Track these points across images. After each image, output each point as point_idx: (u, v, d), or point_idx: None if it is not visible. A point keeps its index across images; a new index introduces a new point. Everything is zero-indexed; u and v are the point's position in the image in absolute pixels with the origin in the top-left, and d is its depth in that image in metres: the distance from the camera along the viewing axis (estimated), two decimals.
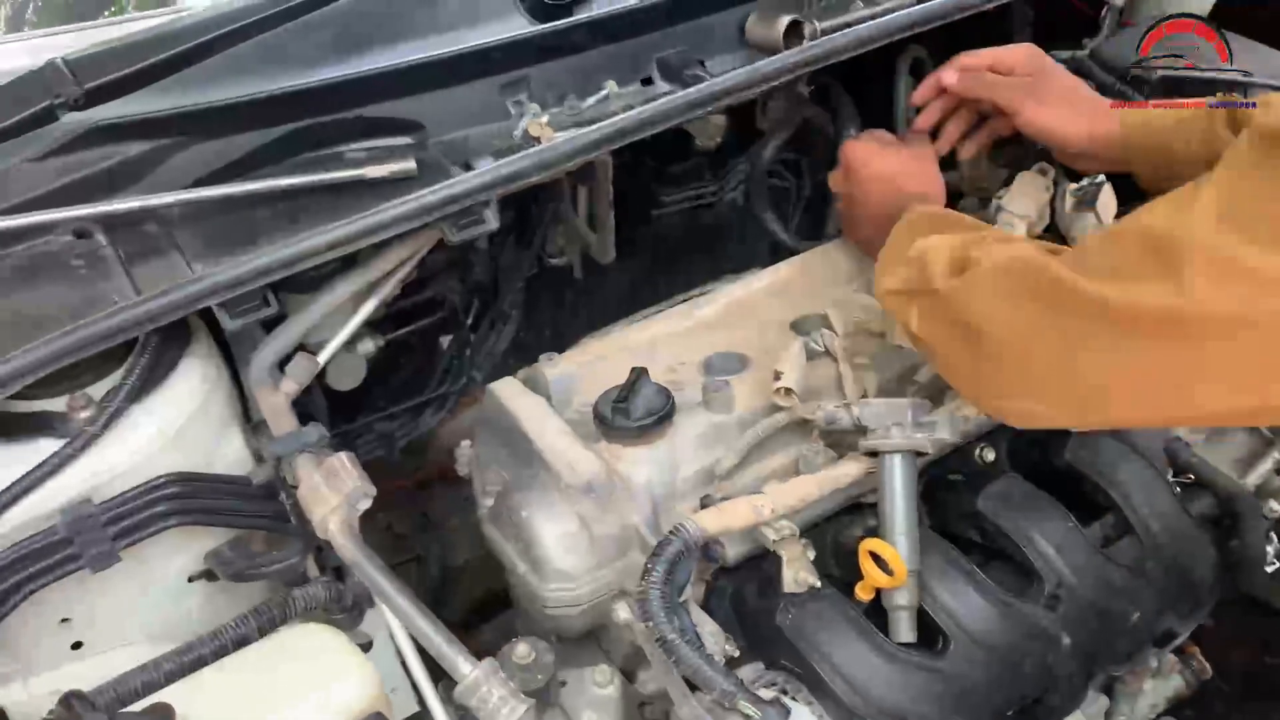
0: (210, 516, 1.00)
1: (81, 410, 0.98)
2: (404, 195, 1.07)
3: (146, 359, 1.00)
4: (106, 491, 0.97)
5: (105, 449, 0.98)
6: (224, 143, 1.12)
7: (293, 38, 1.15)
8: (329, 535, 0.95)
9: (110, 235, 1.06)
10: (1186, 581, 1.22)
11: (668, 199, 1.71)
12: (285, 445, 1.01)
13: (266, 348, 1.08)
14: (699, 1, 1.29)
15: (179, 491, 0.97)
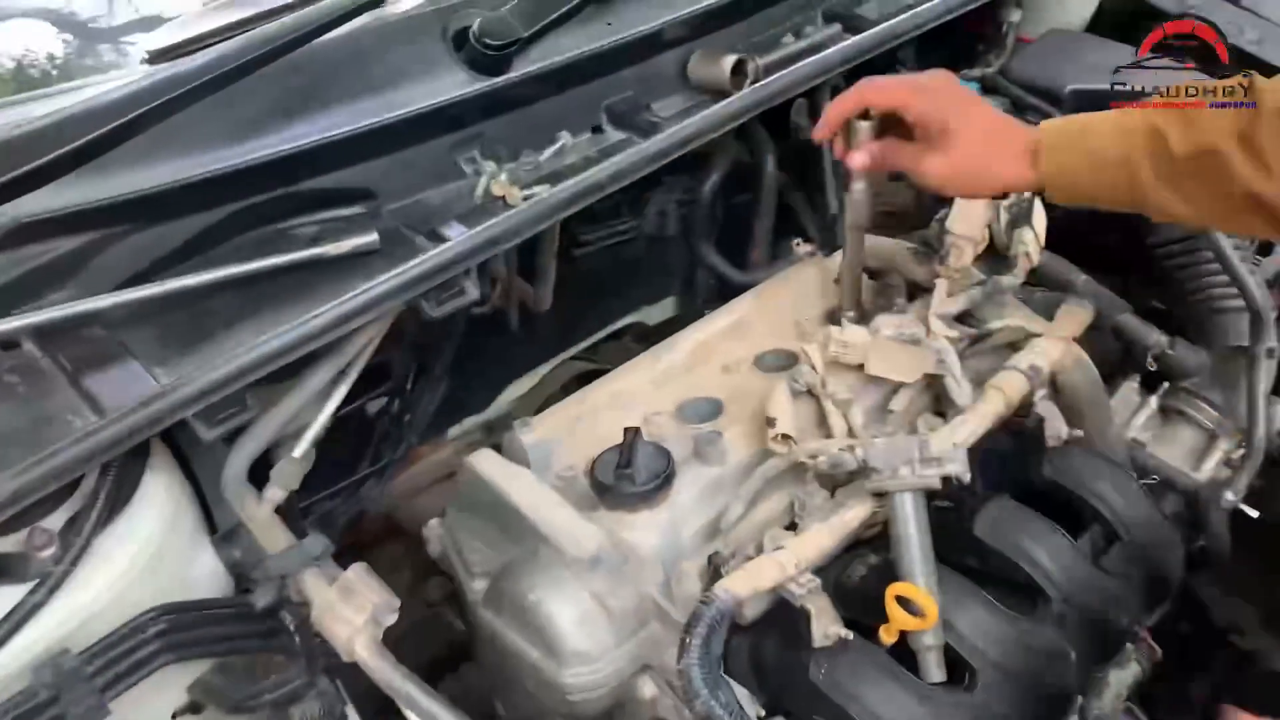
0: (206, 648, 0.90)
1: (44, 548, 0.87)
2: (370, 271, 1.00)
3: (111, 480, 0.90)
4: (84, 636, 0.87)
5: (77, 589, 0.88)
6: (161, 230, 1.03)
7: (221, 111, 1.06)
8: (356, 658, 0.88)
9: (43, 344, 0.94)
10: (1160, 579, 1.26)
11: (587, 237, 1.67)
12: (289, 562, 0.92)
13: (240, 453, 0.99)
14: (639, 46, 1.26)
15: (168, 626, 0.88)
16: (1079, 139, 1.09)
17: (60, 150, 0.96)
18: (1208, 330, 1.44)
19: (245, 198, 1.05)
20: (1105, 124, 1.08)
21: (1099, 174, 1.08)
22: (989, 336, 1.30)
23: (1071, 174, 1.09)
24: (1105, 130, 1.08)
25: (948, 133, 1.12)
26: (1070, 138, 1.10)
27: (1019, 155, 1.11)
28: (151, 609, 0.88)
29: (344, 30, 1.11)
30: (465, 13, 1.20)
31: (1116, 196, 1.09)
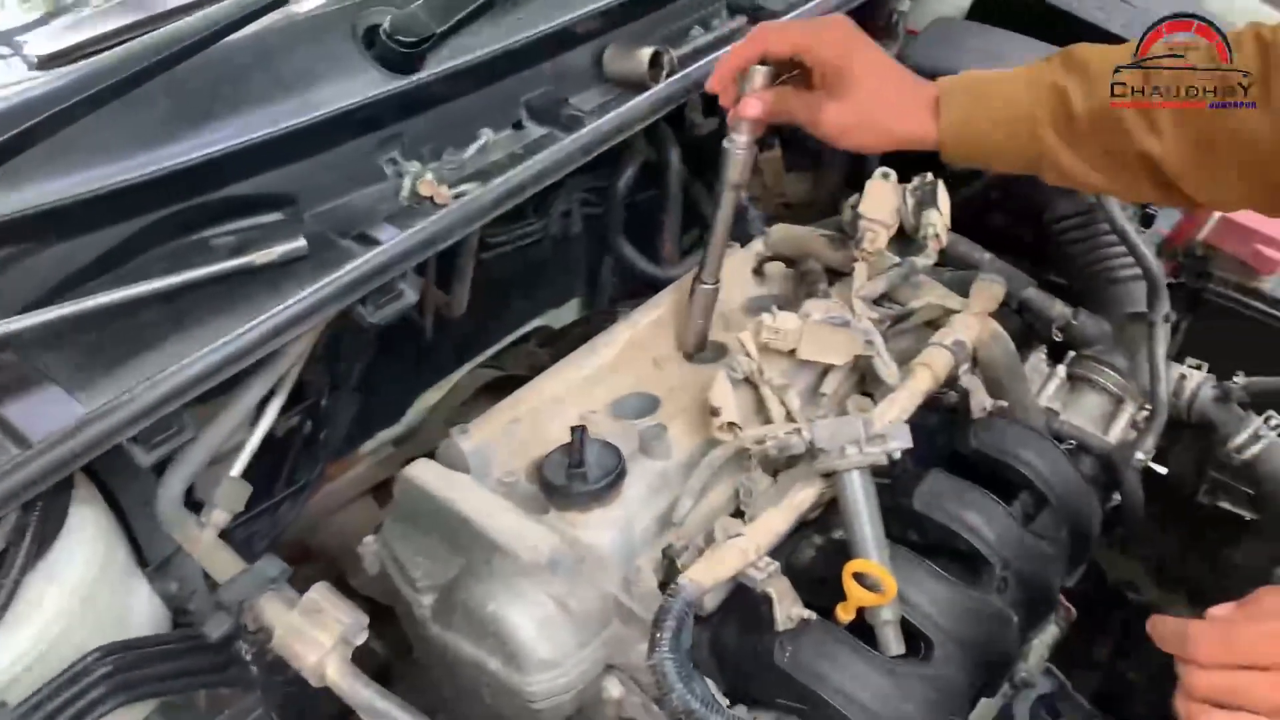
0: (157, 686, 0.84)
1: None
2: (300, 280, 0.96)
3: (36, 516, 0.83)
4: (22, 687, 0.80)
5: (8, 635, 0.81)
6: (70, 246, 0.95)
7: (126, 117, 0.99)
8: (328, 681, 0.83)
9: None
10: (1083, 539, 1.31)
11: (494, 240, 1.64)
12: (246, 588, 0.87)
13: (175, 477, 0.93)
14: (553, 41, 1.24)
15: (115, 666, 0.82)
16: (981, 95, 1.11)
17: None
18: (1107, 300, 1.51)
19: (159, 208, 0.99)
20: (1007, 81, 1.11)
21: (1000, 129, 1.10)
22: (910, 316, 1.33)
23: (973, 129, 1.11)
24: (1008, 87, 1.10)
25: (848, 79, 1.11)
26: (972, 93, 1.11)
27: (919, 108, 1.12)
28: (95, 650, 0.81)
29: (250, 30, 1.06)
30: (374, 10, 1.16)
31: (1015, 154, 1.11)
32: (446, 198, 1.06)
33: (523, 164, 1.10)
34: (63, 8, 1.60)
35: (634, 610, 1.03)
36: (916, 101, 1.13)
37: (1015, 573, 1.17)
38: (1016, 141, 1.10)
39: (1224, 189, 1.06)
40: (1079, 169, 1.10)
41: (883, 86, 1.13)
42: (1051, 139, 1.08)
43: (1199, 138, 1.02)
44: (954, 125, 1.11)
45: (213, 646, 0.87)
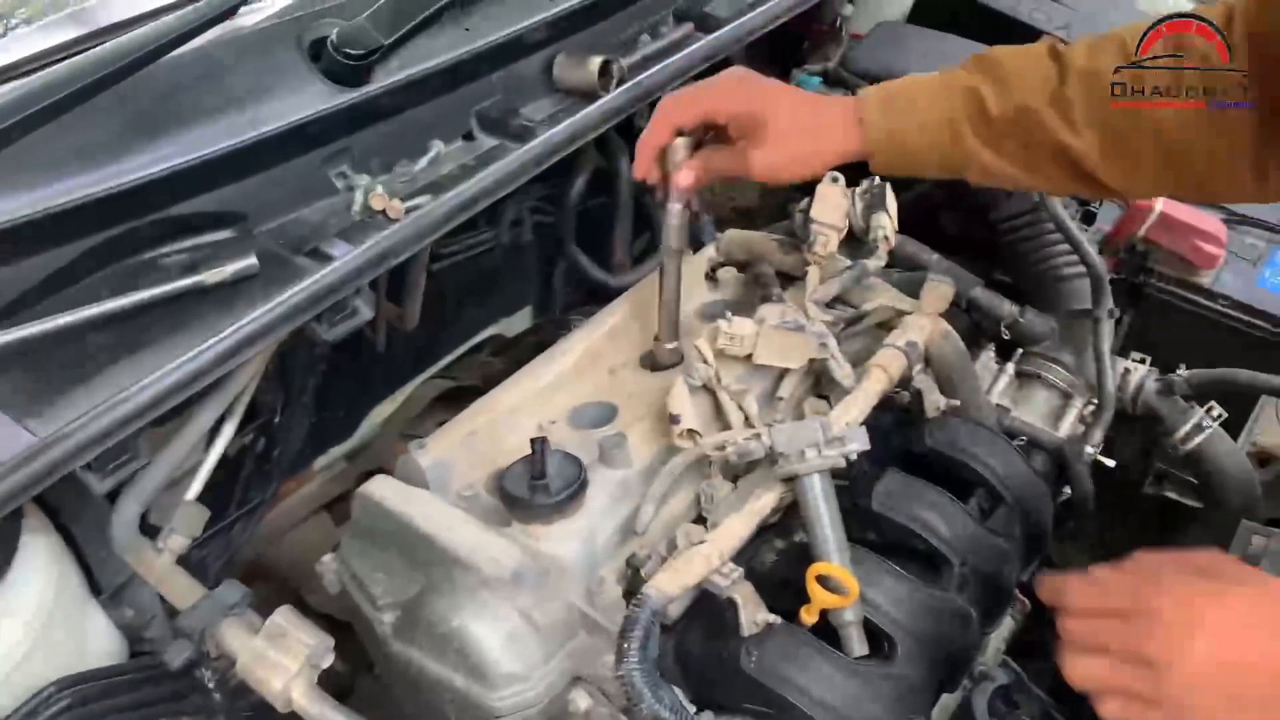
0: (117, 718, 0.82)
1: None
2: (253, 298, 0.95)
3: None
4: None
5: None
6: (13, 269, 0.93)
7: (68, 136, 0.97)
8: (294, 706, 0.82)
9: None
10: (1038, 535, 1.33)
11: (445, 250, 1.64)
12: (206, 615, 0.85)
13: (128, 502, 0.91)
14: (501, 51, 1.24)
15: (73, 700, 0.80)
16: (901, 105, 1.14)
17: None
18: (1052, 297, 1.54)
19: (106, 228, 0.97)
20: (925, 89, 1.14)
21: (924, 136, 1.13)
22: (863, 318, 1.35)
23: (898, 138, 1.14)
24: (926, 95, 1.14)
25: (762, 124, 1.14)
26: (893, 105, 1.15)
27: (841, 126, 1.15)
28: (53, 683, 0.79)
29: (194, 45, 1.04)
30: (321, 23, 1.15)
31: (940, 158, 1.15)
32: (399, 211, 1.05)
33: (475, 176, 1.10)
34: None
35: (599, 621, 1.03)
36: (837, 121, 1.16)
37: (973, 570, 1.19)
38: (940, 146, 1.14)
39: (1139, 180, 1.11)
40: (1000, 166, 1.13)
41: (798, 118, 1.16)
42: (972, 140, 1.12)
43: (1113, 131, 1.06)
44: (879, 137, 1.15)
45: (173, 675, 0.86)
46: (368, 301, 1.00)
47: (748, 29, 1.39)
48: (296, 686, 0.83)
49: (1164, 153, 1.05)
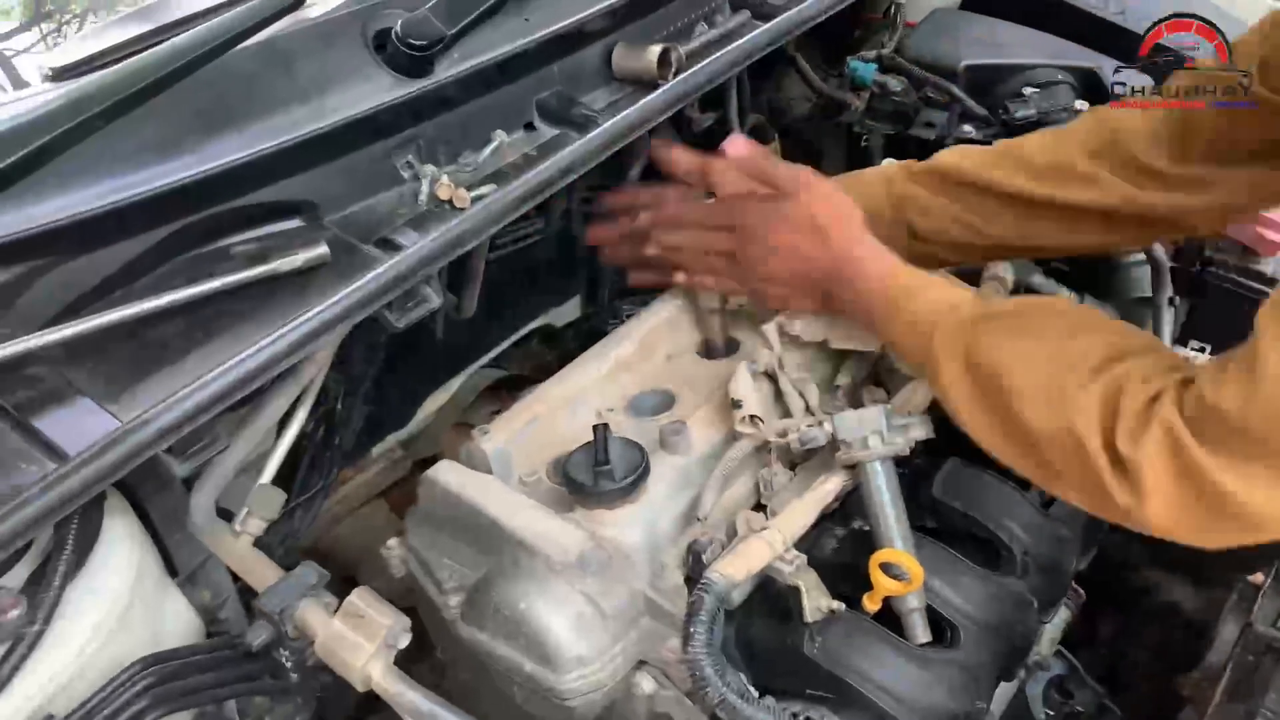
0: (197, 697, 0.84)
1: (9, 609, 0.79)
2: (324, 286, 0.96)
3: (75, 529, 0.83)
4: (66, 700, 0.80)
5: (51, 648, 0.81)
6: (92, 259, 0.95)
7: (141, 129, 0.99)
8: (374, 686, 0.83)
9: None
10: (1096, 523, 1.33)
11: (498, 240, 1.64)
12: (285, 596, 0.87)
13: (206, 486, 0.93)
14: (561, 41, 1.25)
15: (156, 678, 0.82)
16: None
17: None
18: (1111, 285, 1.52)
19: (179, 218, 0.98)
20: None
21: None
22: None
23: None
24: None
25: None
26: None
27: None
28: (136, 661, 0.81)
29: (261, 37, 1.06)
30: (384, 14, 1.16)
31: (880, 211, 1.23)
32: (465, 200, 1.06)
33: (538, 165, 1.11)
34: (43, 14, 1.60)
35: (663, 605, 1.04)
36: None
37: (1034, 558, 1.19)
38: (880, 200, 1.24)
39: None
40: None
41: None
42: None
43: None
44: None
45: (251, 654, 0.87)
46: (436, 289, 1.01)
47: (804, 16, 1.38)
48: (375, 666, 0.84)
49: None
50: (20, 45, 1.52)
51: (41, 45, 1.52)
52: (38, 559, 0.83)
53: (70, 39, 1.11)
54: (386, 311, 0.98)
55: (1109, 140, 1.08)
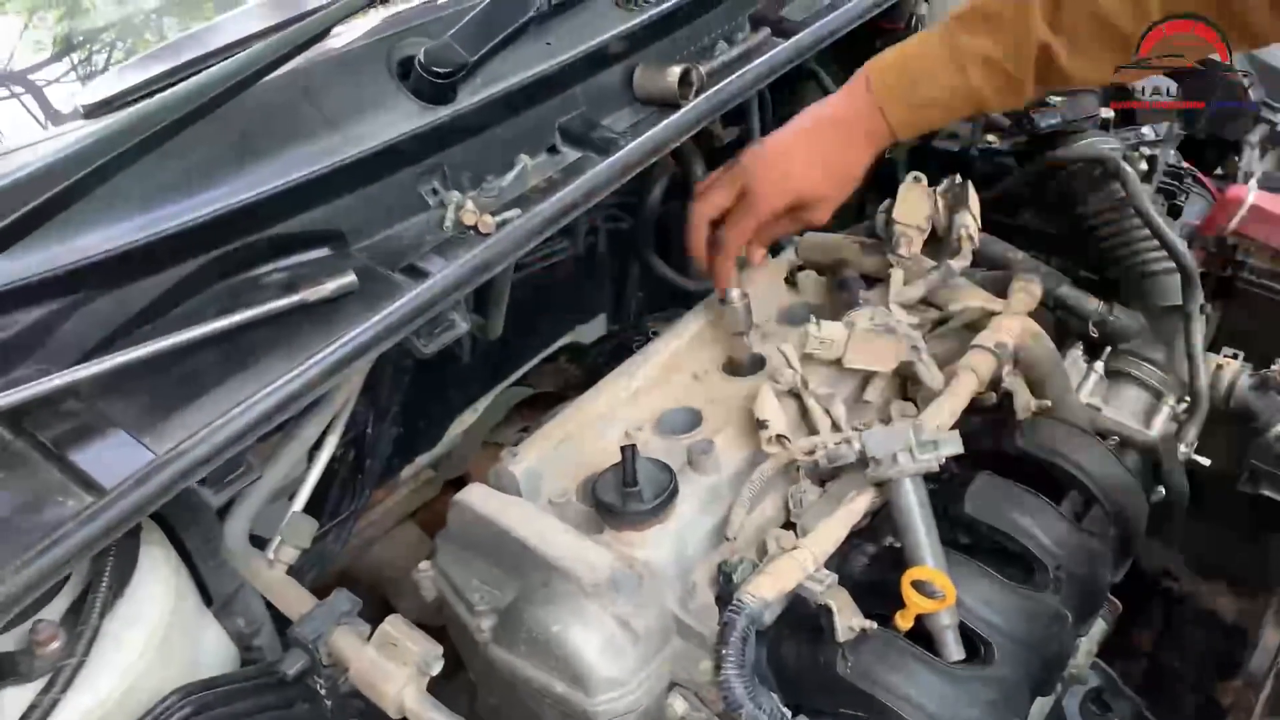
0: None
1: (48, 642, 0.81)
2: (353, 314, 0.97)
3: (112, 560, 0.84)
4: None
5: (91, 679, 0.82)
6: (125, 293, 0.97)
7: (171, 163, 1.00)
8: (407, 712, 0.84)
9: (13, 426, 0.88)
10: (1130, 535, 1.31)
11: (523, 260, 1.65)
12: (319, 623, 0.88)
13: (239, 515, 0.94)
14: (582, 64, 1.26)
15: (195, 708, 0.84)
16: (919, 92, 1.20)
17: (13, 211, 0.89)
18: (1141, 293, 1.51)
19: (210, 250, 1.00)
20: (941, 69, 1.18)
21: (948, 113, 1.23)
22: (950, 319, 1.34)
23: (922, 122, 1.23)
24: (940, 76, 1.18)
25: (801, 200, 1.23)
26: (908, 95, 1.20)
27: (867, 138, 1.22)
28: (175, 691, 0.83)
29: (287, 68, 1.07)
30: (408, 42, 1.17)
31: (963, 116, 1.28)
32: (490, 226, 1.07)
33: (563, 188, 1.12)
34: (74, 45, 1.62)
35: (693, 626, 1.04)
36: (861, 136, 1.22)
37: (1068, 572, 1.18)
38: (965, 112, 1.23)
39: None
40: (1015, 104, 1.24)
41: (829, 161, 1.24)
42: (996, 102, 1.21)
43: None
44: (906, 126, 1.22)
45: (287, 682, 0.88)
46: (463, 315, 1.02)
47: (825, 32, 1.39)
48: (409, 693, 0.85)
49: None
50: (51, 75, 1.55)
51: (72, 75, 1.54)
52: (76, 591, 0.84)
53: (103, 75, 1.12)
54: (414, 338, 0.99)
55: None
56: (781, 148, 1.23)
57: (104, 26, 1.70)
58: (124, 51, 1.58)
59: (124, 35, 1.67)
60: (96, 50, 1.65)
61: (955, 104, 1.19)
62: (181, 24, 1.69)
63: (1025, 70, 1.13)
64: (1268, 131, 1.79)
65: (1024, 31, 1.11)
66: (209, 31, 1.20)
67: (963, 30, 1.16)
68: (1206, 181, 1.71)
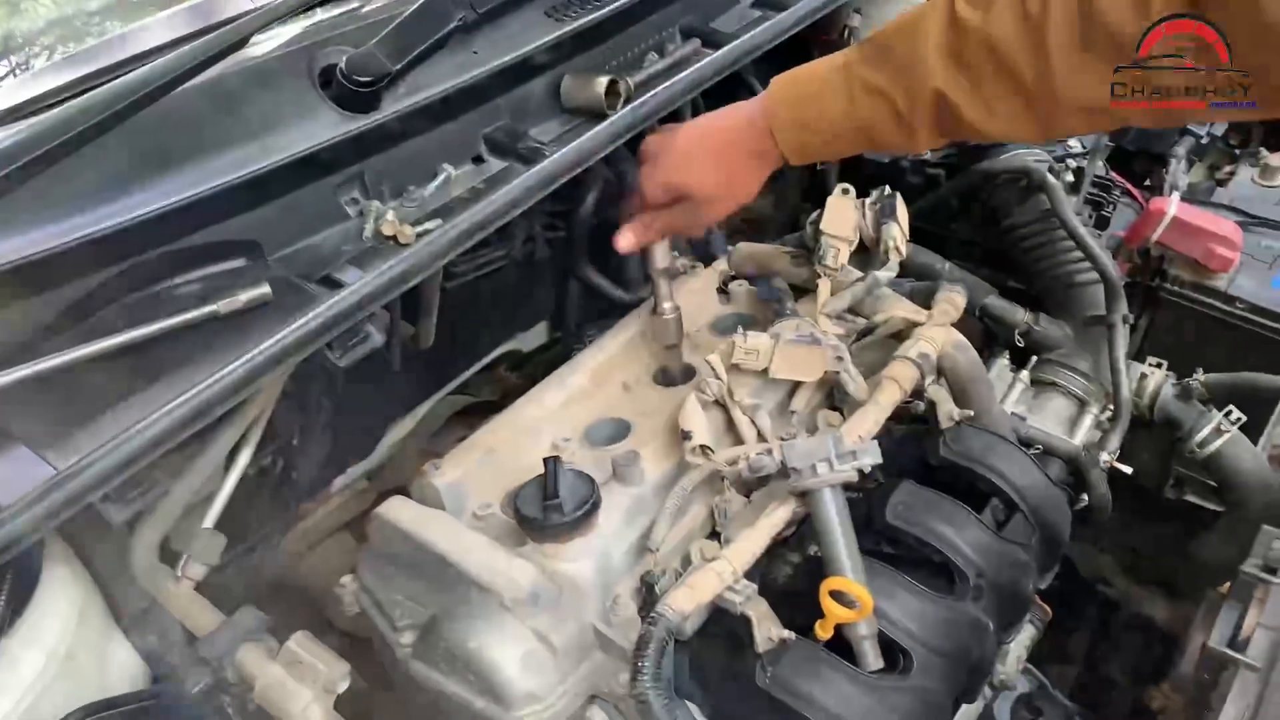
0: None
1: None
2: (266, 325, 0.96)
3: (9, 578, 0.82)
4: None
5: None
6: (29, 304, 0.95)
7: (82, 171, 0.99)
8: None
9: None
10: (1054, 542, 1.33)
11: (458, 269, 1.64)
12: (225, 642, 0.86)
13: (147, 530, 0.92)
14: (509, 73, 1.25)
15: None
16: (809, 116, 1.18)
17: None
18: (1066, 303, 1.53)
19: (120, 261, 0.99)
20: (831, 92, 1.16)
21: (836, 143, 1.20)
22: (874, 330, 1.35)
23: (810, 148, 1.21)
24: (831, 102, 1.16)
25: (685, 193, 1.23)
26: (799, 118, 1.19)
27: (758, 156, 1.22)
28: (75, 711, 0.81)
29: (206, 76, 1.06)
30: (330, 50, 1.16)
31: (854, 150, 1.22)
32: (410, 237, 1.06)
33: (485, 199, 1.11)
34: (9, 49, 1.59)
35: (615, 640, 1.04)
36: (752, 147, 1.22)
37: (989, 580, 1.19)
38: (856, 145, 1.20)
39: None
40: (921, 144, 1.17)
41: (714, 172, 1.23)
42: (890, 137, 1.16)
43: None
44: (793, 148, 1.20)
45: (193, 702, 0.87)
46: (378, 327, 1.01)
47: (754, 44, 1.39)
48: (313, 711, 0.84)
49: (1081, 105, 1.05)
50: None
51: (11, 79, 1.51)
52: None
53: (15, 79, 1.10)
54: (328, 350, 0.97)
55: None
56: (682, 139, 1.23)
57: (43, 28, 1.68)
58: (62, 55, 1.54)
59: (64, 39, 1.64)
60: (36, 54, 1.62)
61: (844, 134, 1.17)
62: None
63: (917, 114, 1.11)
64: (1193, 144, 1.83)
65: (916, 69, 1.09)
66: (126, 38, 1.18)
67: (860, 56, 1.14)
68: (1135, 193, 1.74)
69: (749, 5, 1.51)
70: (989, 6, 1.06)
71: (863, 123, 1.14)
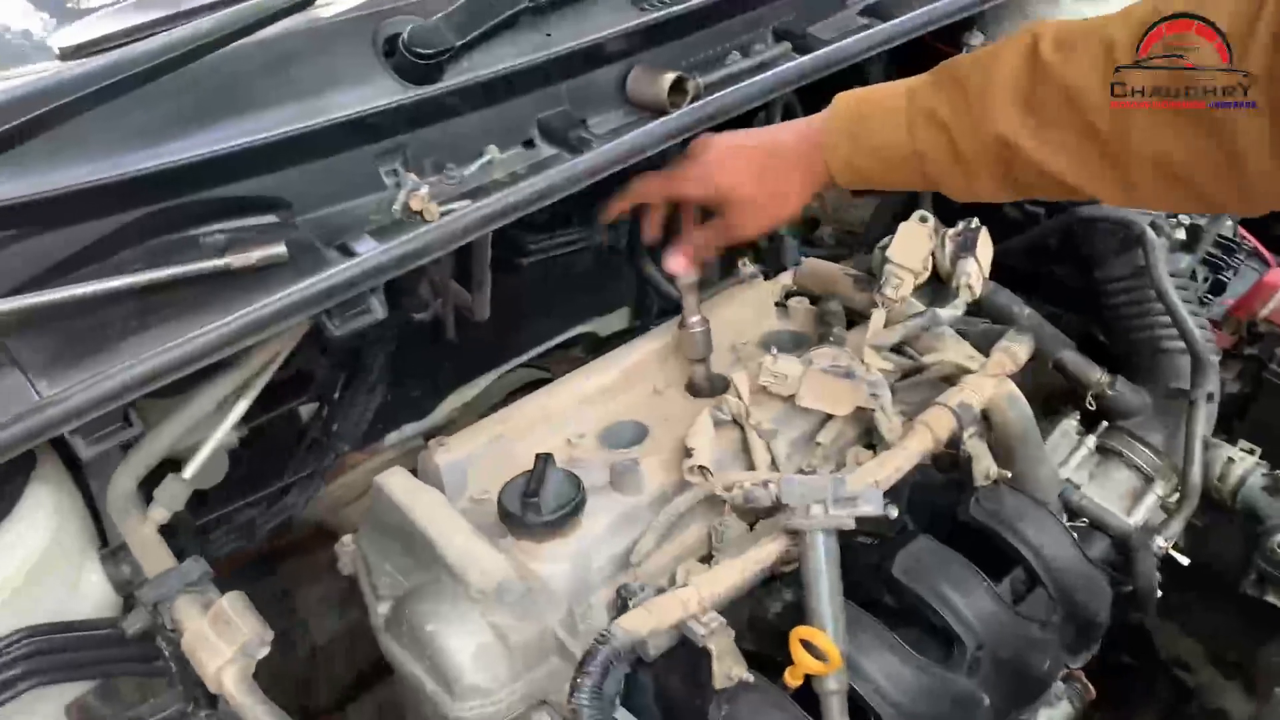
0: (74, 671, 0.88)
1: None
2: (275, 285, 0.97)
3: None
4: None
5: None
6: (60, 235, 0.98)
7: (132, 111, 1.02)
8: (224, 691, 0.85)
9: None
10: (1087, 624, 1.24)
11: (535, 246, 1.64)
12: (163, 588, 0.89)
13: (125, 469, 0.95)
14: (577, 59, 1.23)
15: (34, 649, 0.85)
16: (862, 135, 1.16)
17: None
18: (1150, 369, 1.42)
19: (154, 203, 1.01)
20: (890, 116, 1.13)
21: (888, 170, 1.17)
22: (922, 370, 1.28)
23: (860, 170, 1.18)
24: (891, 125, 1.13)
25: (727, 198, 1.23)
26: (852, 135, 1.16)
27: (803, 171, 1.21)
28: (19, 630, 0.85)
29: (270, 32, 1.07)
30: (398, 19, 1.16)
31: (908, 183, 1.19)
32: (435, 214, 1.06)
33: (520, 184, 1.10)
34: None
35: (571, 648, 1.02)
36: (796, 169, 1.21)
37: (991, 653, 1.12)
38: (908, 178, 1.16)
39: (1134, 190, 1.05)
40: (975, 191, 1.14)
41: (758, 181, 1.22)
42: (942, 172, 1.13)
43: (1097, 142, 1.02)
44: (841, 172, 1.19)
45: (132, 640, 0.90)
46: (381, 300, 1.01)
47: (845, 53, 1.32)
48: (229, 672, 0.85)
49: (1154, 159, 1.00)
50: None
51: None
52: None
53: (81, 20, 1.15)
54: (326, 318, 0.98)
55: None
56: (728, 140, 1.23)
57: None
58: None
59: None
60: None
61: (897, 163, 1.13)
62: None
63: (979, 155, 1.07)
64: None
65: (983, 103, 1.05)
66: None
67: (927, 82, 1.10)
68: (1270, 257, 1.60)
69: (856, 11, 1.44)
70: (1071, 49, 1.00)
71: (917, 153, 1.10)
